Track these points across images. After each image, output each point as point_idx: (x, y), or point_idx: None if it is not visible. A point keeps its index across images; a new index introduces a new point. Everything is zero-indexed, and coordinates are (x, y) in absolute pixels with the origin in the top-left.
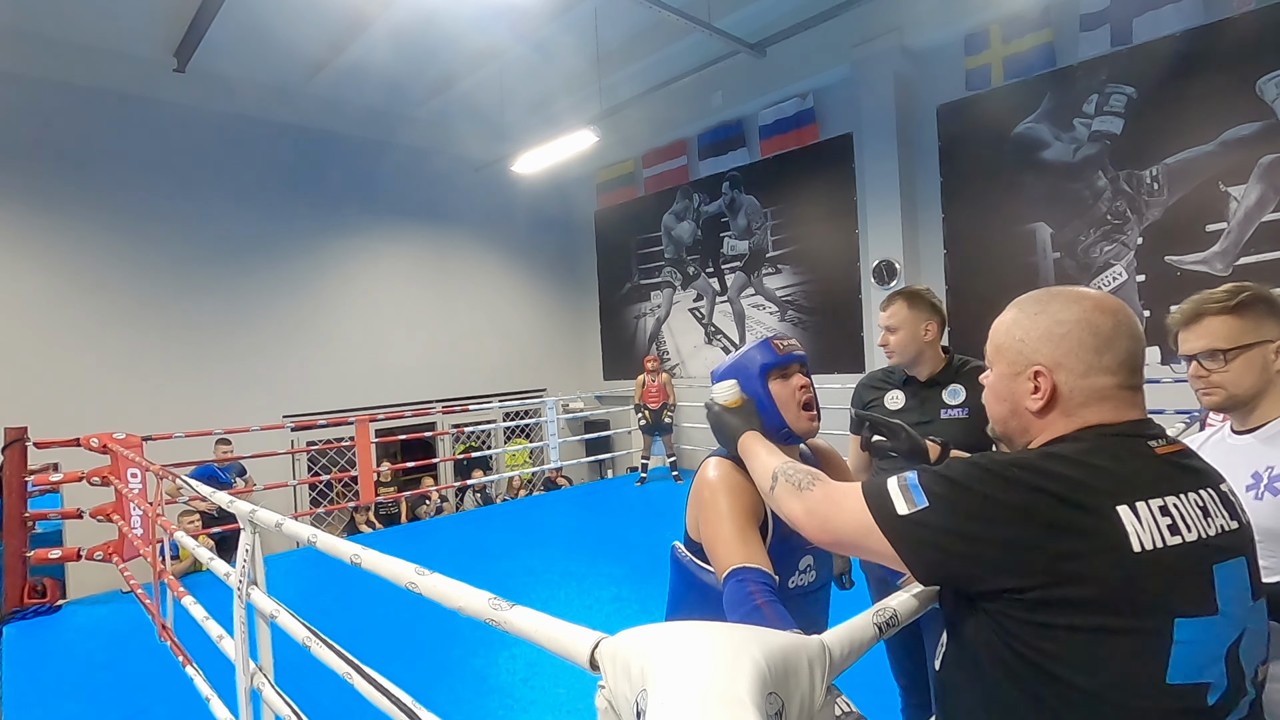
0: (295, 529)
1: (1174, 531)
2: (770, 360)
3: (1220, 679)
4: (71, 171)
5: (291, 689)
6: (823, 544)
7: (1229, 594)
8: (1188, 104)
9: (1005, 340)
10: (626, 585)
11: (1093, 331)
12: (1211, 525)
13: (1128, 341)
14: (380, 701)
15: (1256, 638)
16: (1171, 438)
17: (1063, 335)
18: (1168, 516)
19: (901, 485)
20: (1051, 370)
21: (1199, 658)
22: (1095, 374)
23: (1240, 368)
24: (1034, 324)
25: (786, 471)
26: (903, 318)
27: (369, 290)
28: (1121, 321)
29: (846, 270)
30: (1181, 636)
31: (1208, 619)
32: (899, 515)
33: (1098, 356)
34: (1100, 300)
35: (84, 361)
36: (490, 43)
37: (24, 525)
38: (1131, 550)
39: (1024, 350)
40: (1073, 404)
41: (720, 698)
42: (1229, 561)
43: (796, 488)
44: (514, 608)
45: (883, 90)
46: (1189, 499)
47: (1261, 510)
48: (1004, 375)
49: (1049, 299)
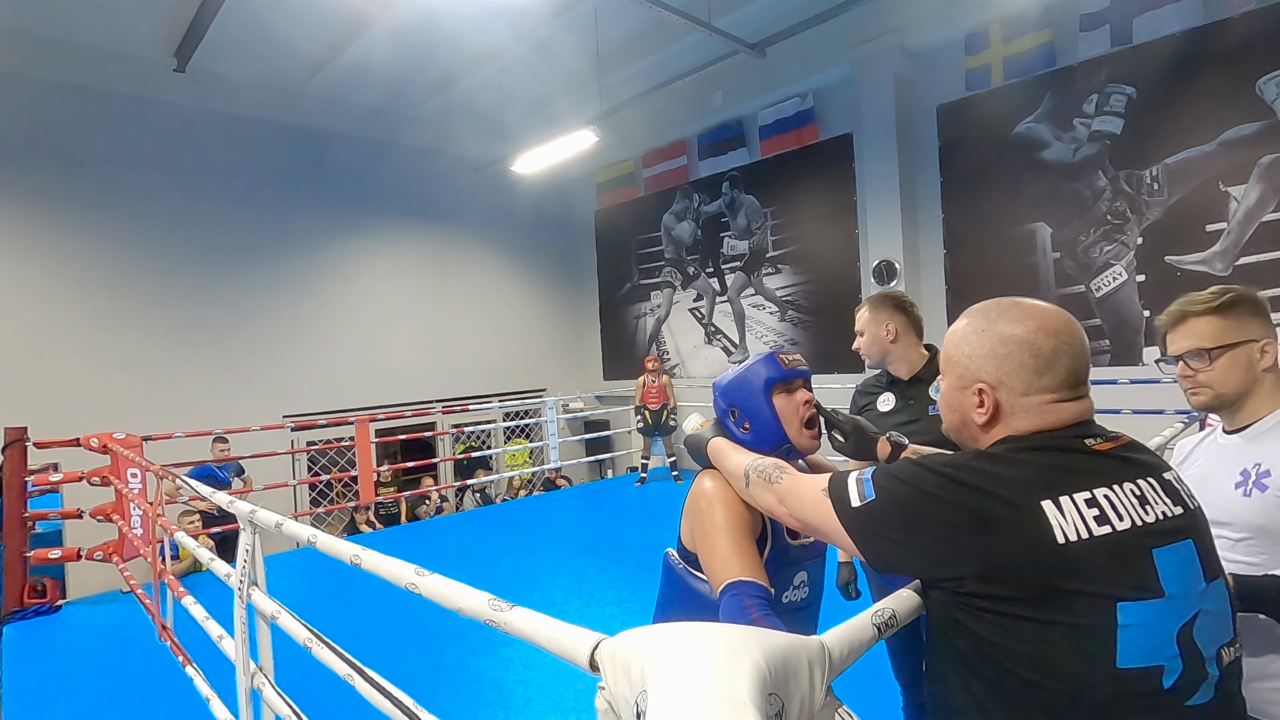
0: (295, 529)
1: (1102, 522)
2: (775, 374)
3: (1174, 661)
4: (71, 171)
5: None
6: (795, 528)
7: (1174, 575)
8: (1188, 104)
9: (955, 354)
10: (626, 585)
11: (1034, 354)
12: (1150, 513)
13: (1068, 361)
14: (380, 702)
15: (1213, 619)
16: (1114, 435)
17: (1005, 355)
18: (1095, 508)
19: (858, 480)
20: (994, 388)
21: (1148, 641)
22: (1035, 393)
23: (1225, 366)
24: (980, 341)
25: (756, 466)
26: (865, 320)
27: (369, 290)
28: (1063, 343)
29: (846, 270)
30: (1126, 620)
31: (1153, 601)
32: (852, 507)
33: (1038, 377)
34: (1045, 320)
35: (84, 361)
36: (490, 43)
37: (24, 525)
38: (1055, 542)
39: (970, 367)
40: (1014, 418)
41: (720, 698)
42: (1172, 545)
43: (767, 481)
44: (514, 608)
45: (883, 90)
46: (1123, 489)
47: (1250, 507)
48: (953, 386)
49: (996, 315)
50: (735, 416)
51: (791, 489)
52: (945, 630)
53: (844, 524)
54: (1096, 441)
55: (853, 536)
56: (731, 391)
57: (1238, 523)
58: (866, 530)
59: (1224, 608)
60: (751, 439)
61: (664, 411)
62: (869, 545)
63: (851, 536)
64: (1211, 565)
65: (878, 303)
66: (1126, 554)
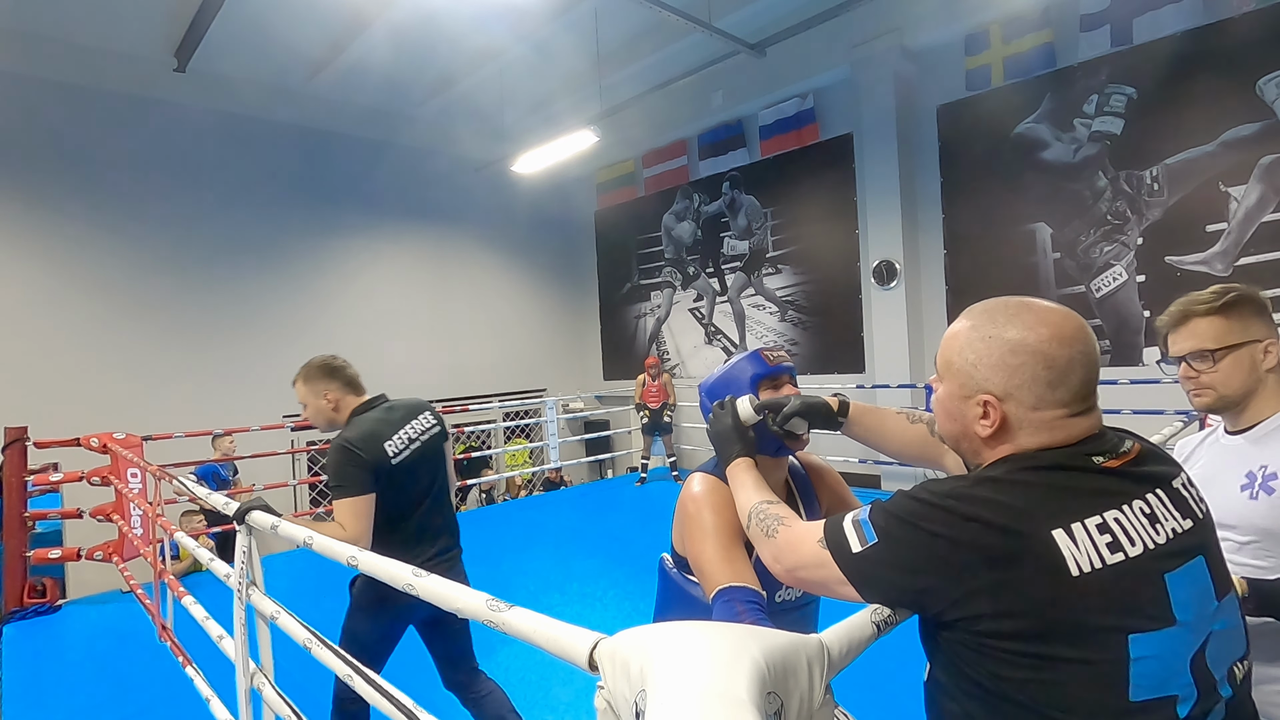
0: (291, 530)
1: (1115, 549)
2: (760, 371)
3: (1188, 690)
4: (71, 171)
5: (292, 689)
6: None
7: (1186, 601)
8: (1188, 104)
9: (956, 360)
10: (625, 585)
11: (1048, 365)
12: (1160, 532)
13: (1082, 373)
14: (380, 702)
15: (1225, 639)
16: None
17: (1016, 367)
18: (1107, 534)
19: (854, 523)
20: (1002, 401)
21: (1161, 672)
22: (1046, 407)
23: (1229, 367)
24: (988, 349)
25: (759, 514)
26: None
27: (369, 290)
28: (1077, 353)
29: (846, 270)
30: (1139, 653)
31: (1165, 631)
32: (853, 553)
33: (1050, 391)
34: (1059, 328)
35: (84, 361)
36: (490, 43)
37: (24, 525)
38: (1069, 574)
39: (974, 375)
40: (1021, 433)
41: (719, 697)
42: (1183, 566)
43: (765, 534)
44: (512, 609)
45: (883, 90)
46: (1134, 509)
47: (1257, 510)
48: (954, 394)
49: (1006, 320)
50: None
51: (788, 543)
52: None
53: (846, 572)
54: (1106, 458)
55: (856, 584)
56: (718, 391)
57: (1243, 525)
58: (869, 577)
59: (1235, 623)
60: None
61: (663, 410)
62: (875, 591)
63: (855, 584)
64: (1222, 580)
65: (308, 374)
66: (1139, 582)
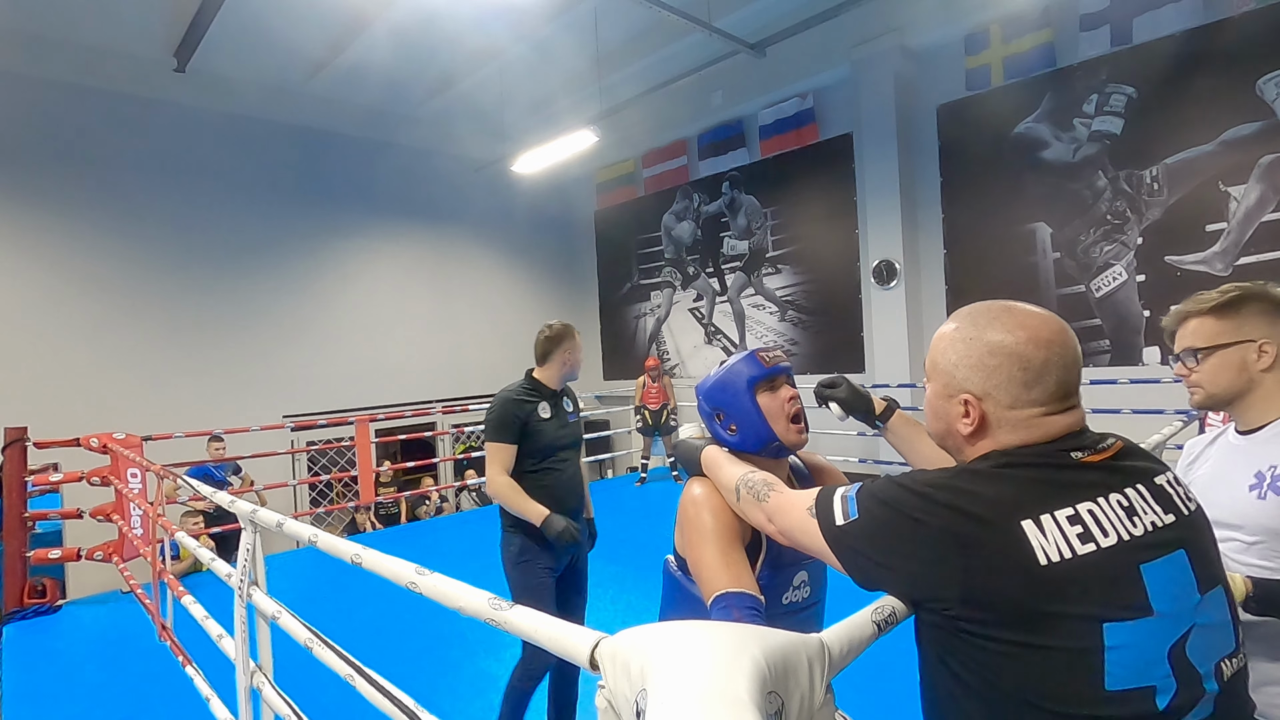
0: (296, 529)
1: (1086, 539)
2: (758, 373)
3: (1167, 681)
4: (71, 171)
5: (292, 689)
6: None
7: (1163, 592)
8: (1188, 104)
9: (940, 360)
10: (626, 585)
11: (1023, 366)
12: (1138, 524)
13: (1059, 373)
14: (381, 702)
15: (1210, 632)
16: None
17: (994, 368)
18: (1078, 525)
19: (843, 498)
20: (980, 400)
21: (1136, 661)
22: (1023, 406)
23: (1213, 367)
24: (968, 350)
25: (747, 482)
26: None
27: (369, 290)
28: (1054, 354)
29: (846, 270)
30: (1113, 642)
31: (1141, 620)
32: (836, 525)
33: (1026, 390)
34: (1036, 330)
35: (84, 361)
36: (490, 43)
37: (24, 525)
38: (1037, 564)
39: (956, 375)
40: (1000, 431)
41: (720, 697)
42: (1161, 559)
43: (756, 498)
44: (514, 607)
45: (883, 90)
46: (1109, 501)
47: (1265, 510)
48: (938, 394)
49: (986, 323)
50: (721, 419)
51: (779, 506)
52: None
53: (828, 541)
54: (1085, 454)
55: (836, 554)
56: (715, 394)
57: (1251, 525)
58: (849, 549)
59: (1223, 618)
60: (738, 440)
61: (664, 411)
62: (852, 563)
63: (835, 554)
64: (1208, 574)
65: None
66: (1112, 573)
